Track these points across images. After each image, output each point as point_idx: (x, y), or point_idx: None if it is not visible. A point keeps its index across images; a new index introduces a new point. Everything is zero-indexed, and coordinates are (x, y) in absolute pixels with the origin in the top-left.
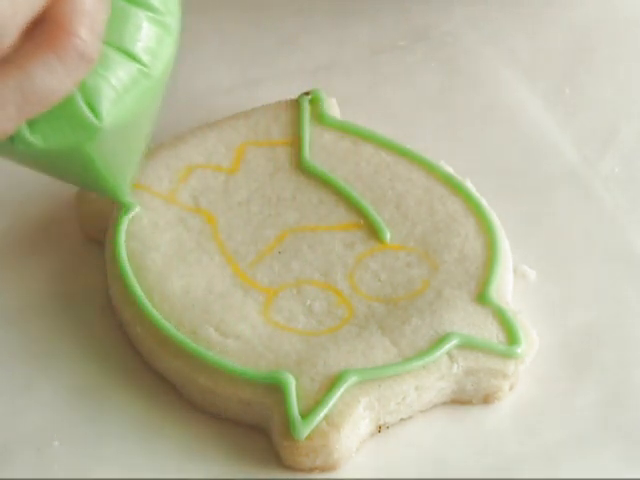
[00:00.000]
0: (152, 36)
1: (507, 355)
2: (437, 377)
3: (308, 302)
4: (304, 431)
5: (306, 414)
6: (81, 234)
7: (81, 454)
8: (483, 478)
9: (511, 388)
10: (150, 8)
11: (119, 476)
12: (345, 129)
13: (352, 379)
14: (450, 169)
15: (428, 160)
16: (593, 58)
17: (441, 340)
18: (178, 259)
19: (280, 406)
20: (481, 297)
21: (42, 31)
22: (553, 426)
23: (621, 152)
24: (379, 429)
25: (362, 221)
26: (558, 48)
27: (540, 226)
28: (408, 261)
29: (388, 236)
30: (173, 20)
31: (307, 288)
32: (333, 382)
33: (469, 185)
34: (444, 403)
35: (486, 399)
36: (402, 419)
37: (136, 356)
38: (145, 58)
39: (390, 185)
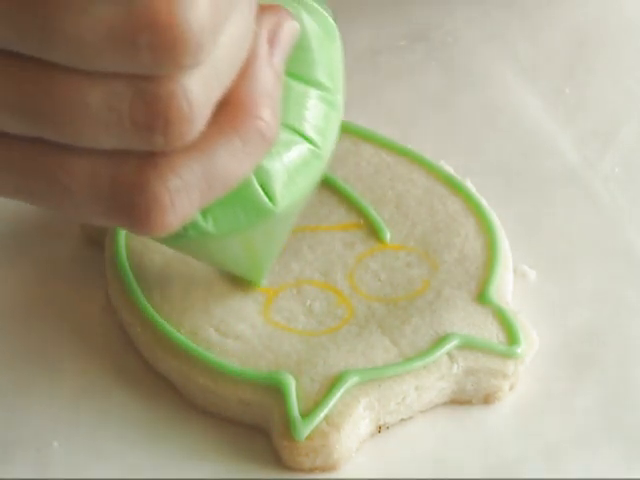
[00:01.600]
0: (321, 115)
1: (507, 355)
2: (437, 377)
3: (308, 302)
4: (304, 431)
5: (306, 414)
6: (81, 234)
7: (81, 454)
8: (483, 478)
9: (511, 388)
10: (320, 86)
11: (119, 476)
12: (345, 129)
13: (352, 379)
14: (450, 169)
15: (428, 160)
16: (593, 58)
17: (441, 340)
18: (178, 259)
19: (280, 406)
20: (481, 297)
21: (225, 113)
22: (553, 426)
23: (621, 152)
24: (379, 429)
25: (362, 221)
26: (558, 48)
27: (540, 226)
28: (408, 261)
29: (388, 236)
30: (340, 97)
31: (307, 288)
32: (333, 382)
33: (469, 185)
34: (444, 403)
35: (486, 399)
36: (402, 419)
37: (136, 356)
38: (315, 138)
39: (390, 185)
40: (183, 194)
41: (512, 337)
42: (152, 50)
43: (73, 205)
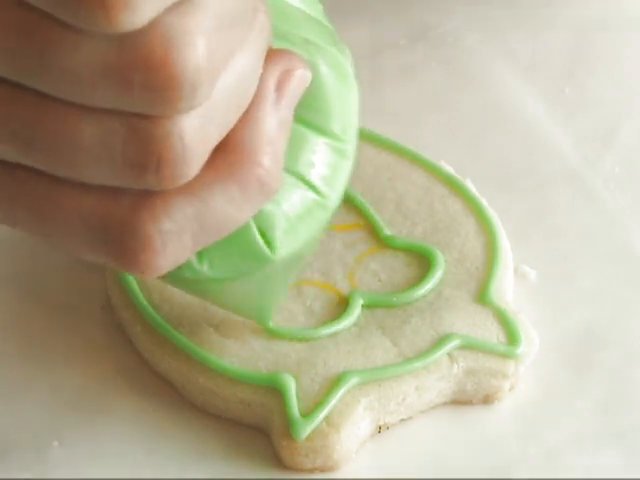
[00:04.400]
0: (330, 164)
1: (507, 355)
2: (437, 377)
3: (308, 302)
4: (304, 432)
5: (306, 414)
6: None
7: (81, 454)
8: (483, 478)
9: (511, 388)
10: (331, 135)
11: (119, 476)
12: None
13: (352, 380)
14: (450, 169)
15: (428, 160)
16: (593, 58)
17: (441, 340)
18: None
19: (280, 407)
20: (481, 297)
21: (224, 157)
22: (553, 426)
23: (621, 152)
24: (379, 429)
25: (362, 221)
26: (558, 48)
27: (540, 226)
28: (408, 261)
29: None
30: (351, 147)
31: (307, 288)
32: (333, 383)
33: (469, 185)
34: (444, 403)
35: (486, 399)
36: (402, 419)
37: (136, 356)
38: (322, 188)
39: (390, 185)
40: (175, 237)
41: (512, 337)
42: (145, 90)
43: (60, 238)
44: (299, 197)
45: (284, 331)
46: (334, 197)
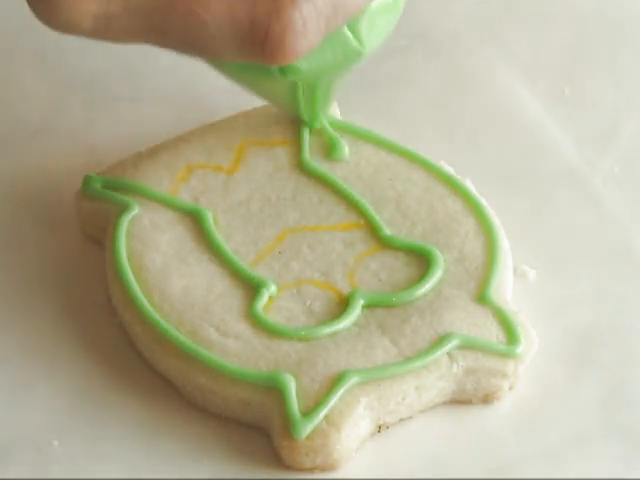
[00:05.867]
0: None
1: (507, 355)
2: (437, 377)
3: (308, 302)
4: (304, 431)
5: (306, 414)
6: (81, 234)
7: (81, 454)
8: (483, 478)
9: (511, 388)
10: None
11: (119, 476)
12: (345, 129)
13: (352, 379)
14: (450, 169)
15: (428, 160)
16: (593, 58)
17: (441, 340)
18: (178, 259)
19: (280, 406)
20: (481, 297)
21: None
22: (553, 426)
23: (621, 152)
24: (379, 429)
25: (362, 221)
26: (558, 48)
27: (540, 226)
28: (408, 261)
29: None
30: None
31: (307, 288)
32: (333, 382)
33: (469, 185)
34: (444, 403)
35: (486, 399)
36: (402, 419)
37: (136, 356)
38: None
39: (390, 185)
40: (314, 20)
41: (512, 337)
42: None
43: (208, 40)
44: None
45: (284, 330)
46: None
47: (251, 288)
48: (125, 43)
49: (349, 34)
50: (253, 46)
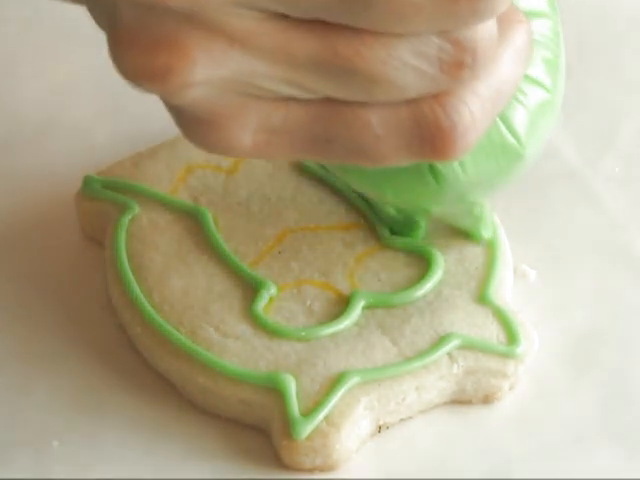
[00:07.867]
0: (547, 63)
1: (507, 355)
2: (437, 377)
3: (308, 302)
4: (304, 431)
5: (306, 414)
6: (81, 234)
7: (81, 454)
8: (483, 478)
9: (511, 388)
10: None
11: (119, 476)
12: None
13: (352, 380)
14: None
15: None
16: (593, 58)
17: (441, 340)
18: (178, 259)
19: (280, 406)
20: (481, 297)
21: (499, 22)
22: (553, 426)
23: (621, 152)
24: (379, 429)
25: (362, 221)
26: None
27: (540, 226)
28: (408, 261)
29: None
30: (561, 53)
31: (307, 288)
32: (333, 382)
33: None
34: (444, 403)
35: (486, 399)
36: (402, 419)
37: (136, 356)
38: (547, 83)
39: None
40: (481, 109)
41: (512, 337)
42: (470, 3)
43: (374, 143)
44: (534, 94)
45: (284, 331)
46: (557, 91)
47: (251, 288)
48: (285, 159)
49: (509, 136)
50: (422, 141)
